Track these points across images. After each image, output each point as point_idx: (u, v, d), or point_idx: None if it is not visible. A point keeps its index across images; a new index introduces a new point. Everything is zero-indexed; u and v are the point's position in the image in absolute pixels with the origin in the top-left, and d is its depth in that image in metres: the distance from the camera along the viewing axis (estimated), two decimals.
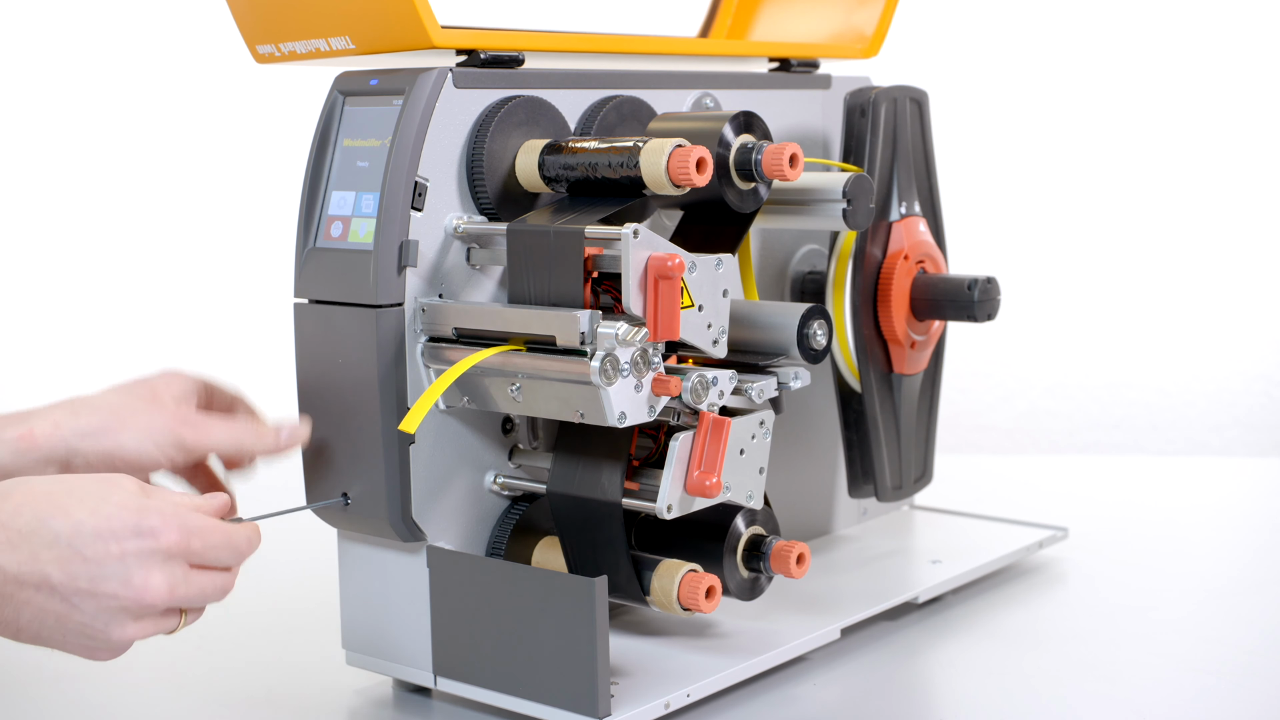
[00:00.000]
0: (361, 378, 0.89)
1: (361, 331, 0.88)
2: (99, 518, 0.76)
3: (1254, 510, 1.47)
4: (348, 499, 0.91)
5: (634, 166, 0.87)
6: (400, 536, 0.90)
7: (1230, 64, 2.04)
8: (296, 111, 1.47)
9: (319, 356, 0.91)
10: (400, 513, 0.89)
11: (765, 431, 0.93)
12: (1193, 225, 2.06)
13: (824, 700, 0.95)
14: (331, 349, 0.90)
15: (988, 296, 1.10)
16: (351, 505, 0.91)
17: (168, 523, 0.78)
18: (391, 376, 0.88)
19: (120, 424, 0.88)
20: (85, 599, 0.76)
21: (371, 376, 0.88)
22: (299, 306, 0.92)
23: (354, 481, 0.91)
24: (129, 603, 0.77)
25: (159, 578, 0.77)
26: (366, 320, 0.88)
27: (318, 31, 0.92)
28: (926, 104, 1.15)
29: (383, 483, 0.89)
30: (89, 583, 0.76)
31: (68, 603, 0.76)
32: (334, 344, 0.90)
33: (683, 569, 0.91)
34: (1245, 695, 0.95)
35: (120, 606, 0.77)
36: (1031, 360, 2.10)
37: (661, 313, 0.84)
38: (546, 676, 0.87)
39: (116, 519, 0.77)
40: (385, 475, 0.89)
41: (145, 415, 0.89)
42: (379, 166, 0.89)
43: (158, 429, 0.89)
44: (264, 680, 1.01)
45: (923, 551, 1.18)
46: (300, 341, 0.92)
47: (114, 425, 0.88)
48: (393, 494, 0.89)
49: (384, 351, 0.88)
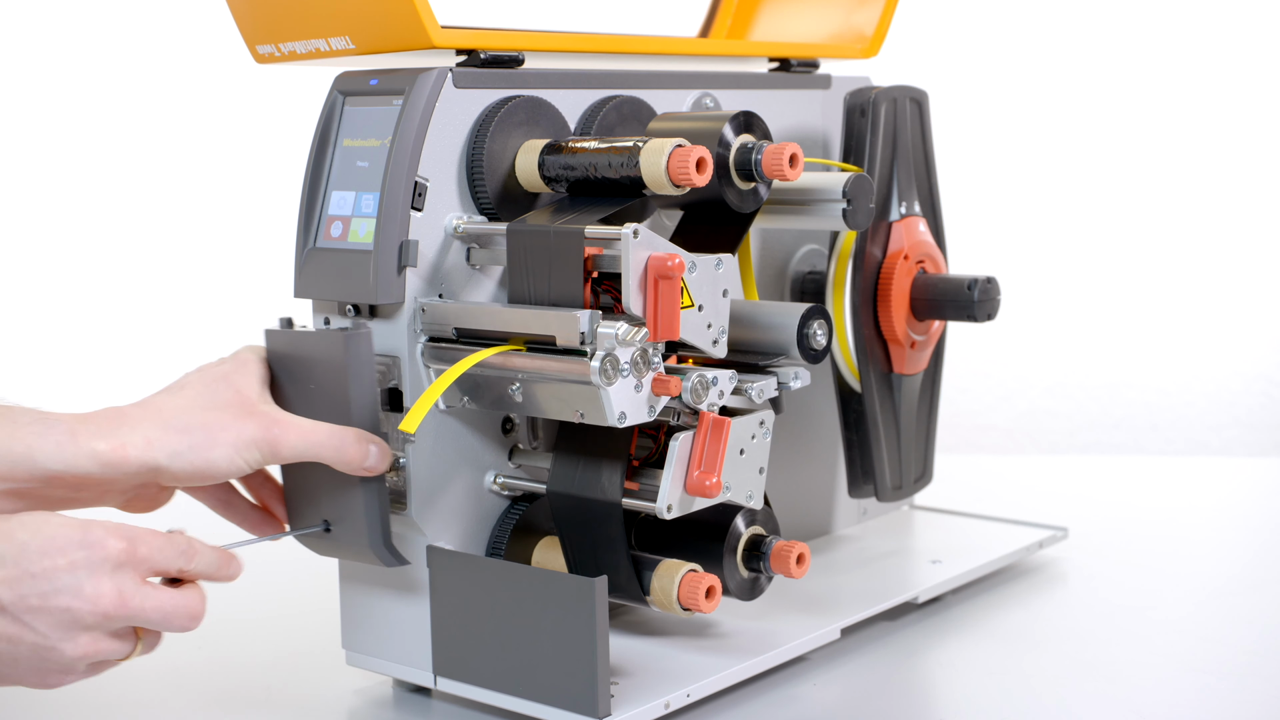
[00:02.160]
0: (334, 403, 0.88)
1: (330, 355, 0.88)
2: (42, 537, 0.76)
3: (1254, 510, 1.47)
4: (328, 526, 0.91)
5: (634, 166, 0.87)
6: (383, 562, 0.90)
7: (1230, 64, 2.04)
8: (296, 111, 1.47)
9: (294, 378, 0.90)
10: (381, 539, 0.89)
11: (765, 431, 0.93)
12: (1192, 225, 2.06)
13: (824, 700, 0.95)
14: (305, 373, 0.90)
15: (988, 296, 1.10)
16: (333, 533, 0.91)
17: (111, 532, 0.77)
18: (364, 400, 0.88)
19: (211, 440, 0.85)
20: (37, 616, 0.76)
21: (344, 400, 0.88)
22: (269, 332, 0.91)
23: (333, 509, 0.90)
24: (82, 614, 0.76)
25: (109, 585, 0.77)
26: (335, 343, 0.87)
27: (318, 31, 0.92)
28: (926, 104, 1.15)
29: (361, 510, 0.88)
30: (40, 599, 0.76)
31: (19, 622, 0.76)
32: (306, 368, 0.89)
33: (683, 569, 0.91)
34: (1245, 695, 0.95)
35: (73, 619, 0.76)
36: (1031, 360, 2.10)
37: (661, 313, 0.84)
38: (546, 676, 0.87)
39: (60, 535, 0.76)
40: (364, 503, 0.88)
41: (235, 427, 0.86)
42: (379, 166, 0.89)
43: (246, 441, 0.86)
44: (264, 680, 1.01)
45: (923, 551, 1.18)
46: (275, 364, 0.91)
47: (204, 443, 0.85)
48: (371, 521, 0.88)
49: (356, 376, 0.87)
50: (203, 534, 0.85)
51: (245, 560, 0.85)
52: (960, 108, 2.02)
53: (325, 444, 0.86)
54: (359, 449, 0.87)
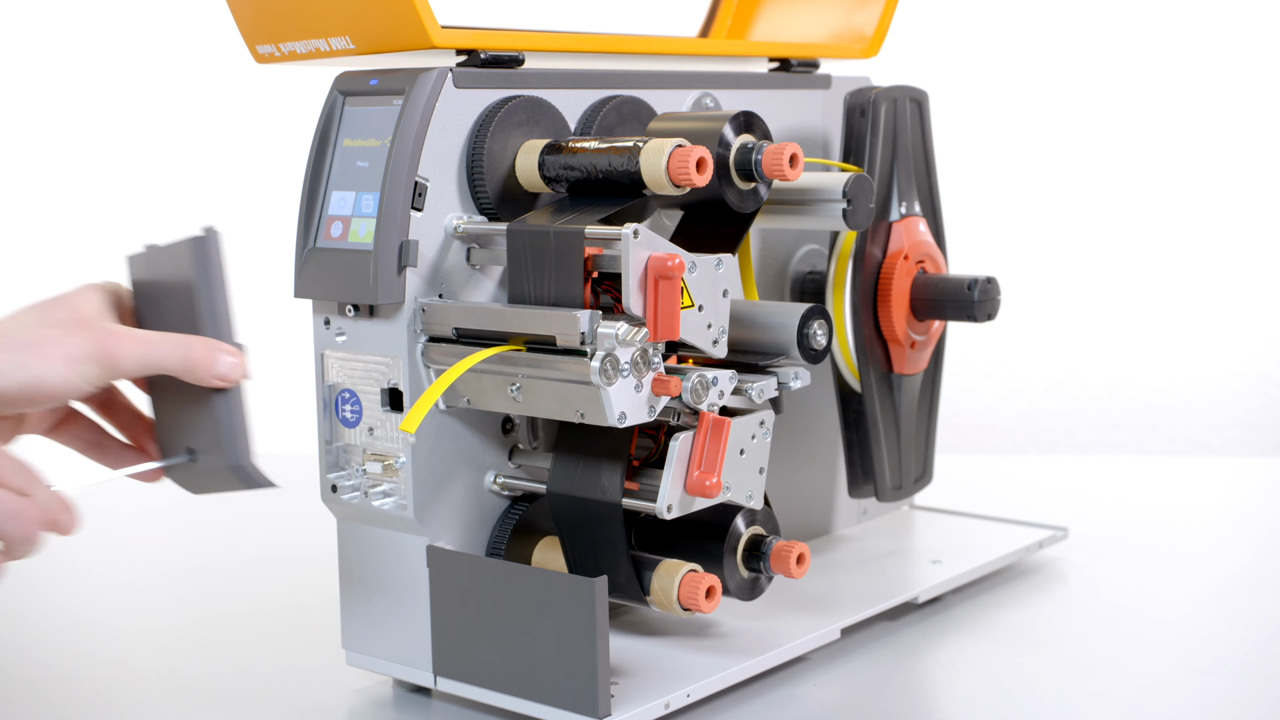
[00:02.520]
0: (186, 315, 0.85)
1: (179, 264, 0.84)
2: None
3: (1254, 510, 1.47)
4: (194, 455, 0.87)
5: (634, 166, 0.87)
6: (244, 483, 0.86)
7: (1230, 64, 2.04)
8: (296, 111, 1.48)
9: (151, 301, 0.88)
10: (240, 457, 0.85)
11: (765, 431, 0.93)
12: (1192, 226, 2.06)
13: (824, 700, 0.95)
14: (161, 291, 0.86)
15: (988, 296, 1.10)
16: (198, 462, 0.87)
17: None
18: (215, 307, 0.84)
19: (39, 356, 0.80)
20: None
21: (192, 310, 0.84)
22: (130, 257, 0.88)
23: (198, 435, 0.87)
24: None
25: None
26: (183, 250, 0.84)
27: (318, 31, 0.92)
28: (926, 104, 1.15)
29: (219, 427, 0.85)
30: None
31: None
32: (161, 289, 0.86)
33: (683, 569, 0.91)
34: (1245, 695, 0.95)
35: None
36: (1031, 360, 2.10)
37: (661, 313, 0.84)
38: (546, 676, 0.87)
39: None
40: (219, 417, 0.85)
41: (66, 341, 0.81)
42: (379, 166, 0.89)
43: (79, 354, 0.80)
44: (264, 680, 1.01)
45: (923, 551, 1.18)
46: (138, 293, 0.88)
47: (32, 360, 0.79)
48: (230, 437, 0.84)
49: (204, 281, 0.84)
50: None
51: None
52: (960, 108, 2.02)
53: (170, 353, 0.81)
54: (207, 356, 0.82)
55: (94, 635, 1.11)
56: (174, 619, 1.14)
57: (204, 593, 1.22)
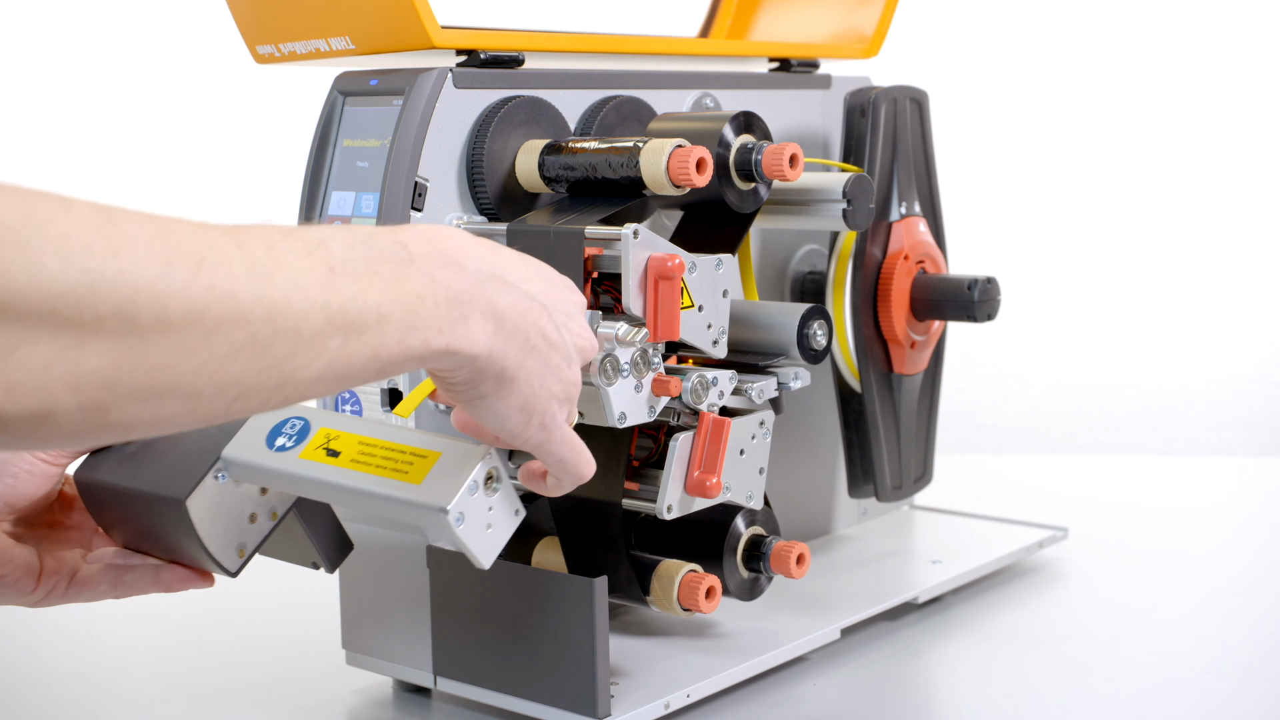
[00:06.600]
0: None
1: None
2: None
3: (1254, 510, 1.47)
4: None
5: (634, 167, 0.87)
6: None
7: (1230, 64, 2.04)
8: (296, 111, 1.48)
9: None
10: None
11: (765, 432, 0.93)
12: (1192, 225, 2.07)
13: (824, 700, 0.95)
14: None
15: (988, 296, 1.10)
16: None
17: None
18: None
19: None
20: (563, 333, 0.69)
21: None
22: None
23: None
24: (573, 366, 0.70)
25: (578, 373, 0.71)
26: None
27: (318, 31, 0.92)
28: (926, 104, 1.15)
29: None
30: (565, 317, 0.70)
31: (555, 332, 0.68)
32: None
33: (683, 569, 0.91)
34: (1245, 695, 0.95)
35: (574, 355, 0.70)
36: (1031, 360, 2.10)
37: (661, 313, 0.84)
38: (546, 676, 0.87)
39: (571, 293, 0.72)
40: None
41: None
42: (379, 167, 0.89)
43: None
44: (264, 680, 1.01)
45: (923, 551, 1.18)
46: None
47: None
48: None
49: None
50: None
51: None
52: (960, 108, 2.02)
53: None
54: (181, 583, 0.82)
55: (95, 635, 1.11)
56: (174, 619, 1.14)
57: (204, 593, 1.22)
